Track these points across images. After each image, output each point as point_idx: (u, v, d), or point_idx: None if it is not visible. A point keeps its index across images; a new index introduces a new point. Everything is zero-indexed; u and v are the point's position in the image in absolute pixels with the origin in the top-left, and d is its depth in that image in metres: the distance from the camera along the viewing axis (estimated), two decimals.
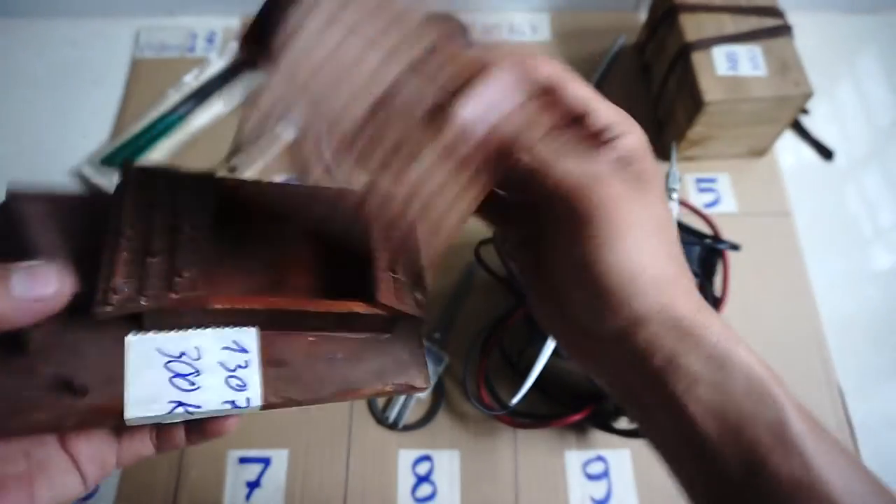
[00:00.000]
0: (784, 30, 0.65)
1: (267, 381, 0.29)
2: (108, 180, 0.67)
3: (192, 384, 0.28)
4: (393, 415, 0.57)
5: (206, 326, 0.29)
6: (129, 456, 0.31)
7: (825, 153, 0.74)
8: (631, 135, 0.27)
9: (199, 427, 0.31)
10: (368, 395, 0.32)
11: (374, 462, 0.55)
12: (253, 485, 0.54)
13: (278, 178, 0.39)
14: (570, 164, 0.25)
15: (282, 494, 0.54)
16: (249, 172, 0.67)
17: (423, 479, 0.54)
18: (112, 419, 0.27)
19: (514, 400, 0.53)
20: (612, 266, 0.24)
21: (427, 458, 0.55)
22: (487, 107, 0.24)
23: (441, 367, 0.58)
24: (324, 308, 0.30)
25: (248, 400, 0.29)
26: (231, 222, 0.31)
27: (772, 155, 0.71)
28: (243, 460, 0.55)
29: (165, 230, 0.28)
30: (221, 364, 0.29)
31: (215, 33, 0.79)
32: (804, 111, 0.73)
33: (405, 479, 0.54)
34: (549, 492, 0.54)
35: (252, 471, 0.55)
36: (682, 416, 0.25)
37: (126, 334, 0.28)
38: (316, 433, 0.56)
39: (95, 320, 0.26)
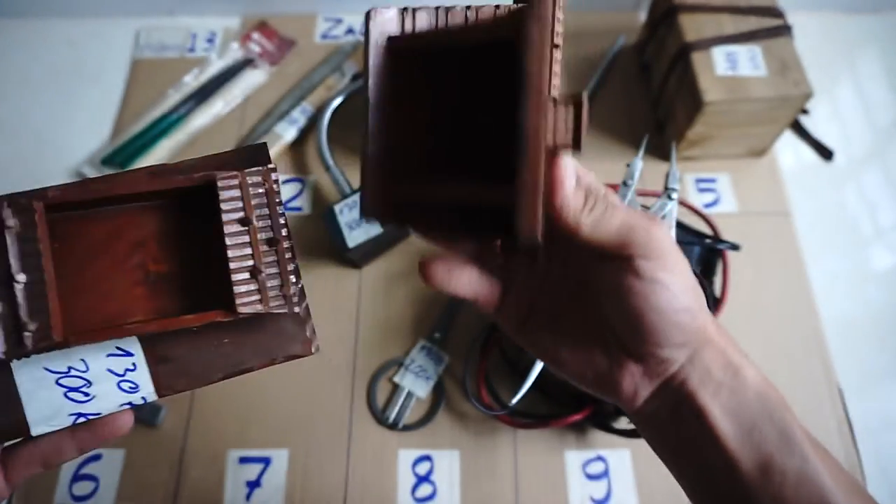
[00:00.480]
0: (784, 30, 0.65)
1: (157, 378, 0.31)
2: None
3: (87, 395, 0.30)
4: (393, 415, 0.57)
5: None
6: (18, 476, 0.32)
7: (825, 153, 0.74)
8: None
9: (91, 432, 0.31)
10: (258, 368, 0.32)
11: (374, 462, 0.55)
12: (253, 485, 0.54)
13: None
14: (624, 214, 0.28)
15: (282, 494, 0.54)
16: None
17: (423, 479, 0.55)
18: (20, 436, 0.29)
19: (514, 400, 0.53)
20: (671, 287, 0.28)
21: (427, 458, 0.55)
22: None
23: (441, 367, 0.58)
24: (184, 325, 0.30)
25: (143, 399, 0.31)
26: (80, 238, 0.31)
27: (772, 155, 0.71)
28: (243, 460, 0.55)
29: (1, 278, 0.28)
30: (110, 371, 0.30)
31: (215, 33, 0.79)
32: (804, 111, 0.73)
33: (405, 479, 0.54)
34: (549, 492, 0.54)
35: (252, 471, 0.55)
36: (702, 415, 0.29)
37: (11, 360, 0.29)
38: (316, 433, 0.56)
39: None
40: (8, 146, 0.73)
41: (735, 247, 0.58)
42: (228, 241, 0.30)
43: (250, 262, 0.30)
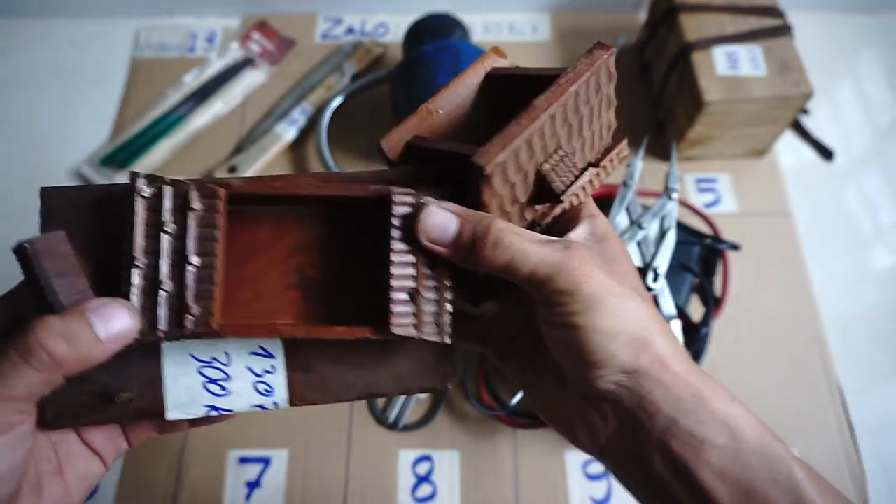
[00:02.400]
0: (784, 30, 0.65)
1: (292, 386, 0.31)
2: (109, 180, 0.67)
3: (224, 389, 0.30)
4: (393, 415, 0.57)
5: None
6: (137, 438, 0.35)
7: (825, 153, 0.74)
8: (600, 217, 0.32)
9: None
10: (391, 396, 0.33)
11: (374, 462, 0.55)
12: (253, 485, 0.54)
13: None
14: (544, 251, 0.27)
15: (282, 494, 0.54)
16: (250, 171, 0.67)
17: (423, 480, 0.54)
18: (156, 419, 0.30)
19: (514, 400, 0.53)
20: (593, 330, 0.27)
21: (427, 458, 0.55)
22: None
23: None
24: (334, 335, 0.29)
25: (275, 404, 0.31)
26: (246, 233, 0.31)
27: (772, 155, 0.71)
28: (243, 460, 0.55)
29: (175, 258, 0.28)
30: (249, 369, 0.30)
31: (215, 33, 0.79)
32: (804, 111, 0.73)
33: (405, 480, 0.54)
34: (549, 492, 0.54)
35: (252, 471, 0.55)
36: (692, 481, 0.26)
37: (163, 342, 0.30)
38: (316, 433, 0.56)
39: None
40: (8, 146, 0.73)
41: (735, 247, 0.58)
42: (393, 259, 0.29)
43: (411, 284, 0.29)
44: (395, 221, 0.29)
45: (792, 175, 0.71)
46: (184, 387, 0.30)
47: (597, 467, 0.55)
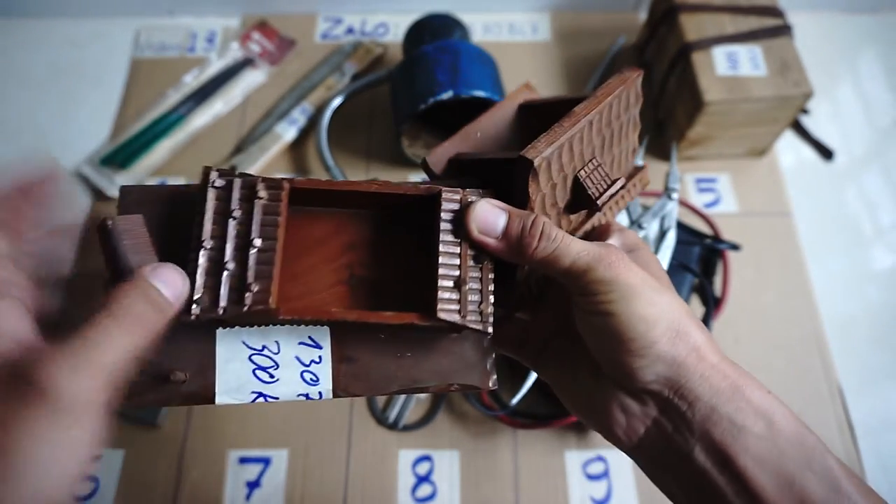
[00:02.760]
0: (784, 30, 0.65)
1: (337, 377, 0.32)
2: (108, 180, 0.67)
3: (272, 377, 0.32)
4: (393, 415, 0.57)
5: (286, 323, 0.32)
6: None
7: (825, 153, 0.74)
8: (628, 231, 0.35)
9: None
10: (433, 391, 0.33)
11: (374, 462, 0.55)
12: (253, 485, 0.54)
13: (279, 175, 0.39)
14: (585, 244, 0.30)
15: (282, 494, 0.54)
16: (250, 171, 0.67)
17: (423, 479, 0.54)
18: (205, 402, 0.31)
19: (514, 400, 0.53)
20: (632, 316, 0.28)
21: (427, 458, 0.55)
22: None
23: None
24: (383, 320, 0.31)
25: (320, 394, 0.32)
26: (301, 230, 0.33)
27: (772, 155, 0.71)
28: (243, 460, 0.55)
29: (239, 241, 0.30)
30: (297, 359, 0.32)
31: (215, 33, 0.79)
32: (804, 111, 0.73)
33: (405, 479, 0.54)
34: (549, 492, 0.54)
35: (252, 471, 0.55)
36: (733, 467, 0.27)
37: (216, 327, 0.31)
38: (316, 433, 0.56)
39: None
40: (8, 146, 0.73)
41: (735, 247, 0.58)
42: (442, 248, 0.31)
43: (456, 273, 0.31)
44: (445, 216, 0.31)
45: (792, 175, 0.71)
46: (234, 373, 0.31)
47: (597, 467, 0.55)
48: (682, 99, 0.66)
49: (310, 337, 0.32)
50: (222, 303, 0.29)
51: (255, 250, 0.30)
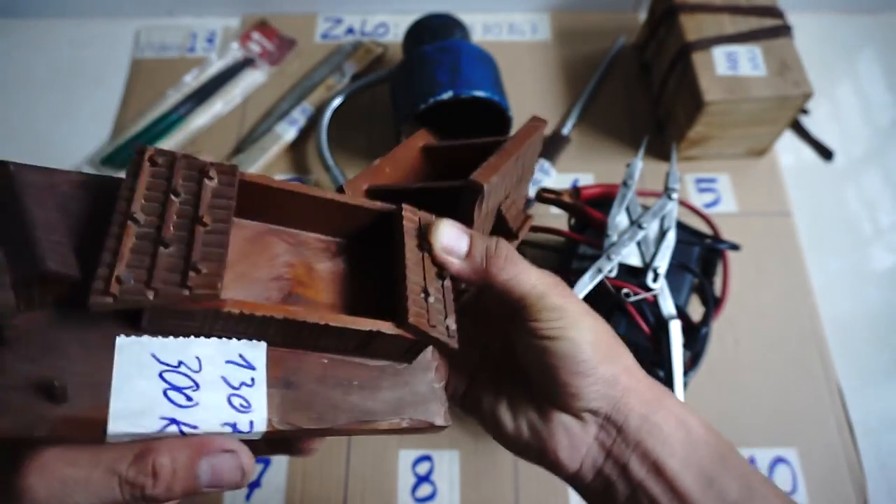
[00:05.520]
0: (784, 30, 0.65)
1: (273, 404, 0.26)
2: None
3: (190, 400, 0.24)
4: None
5: (211, 335, 0.26)
6: None
7: (825, 153, 0.74)
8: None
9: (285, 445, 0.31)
10: (384, 429, 0.29)
11: (374, 462, 0.55)
12: (253, 485, 0.54)
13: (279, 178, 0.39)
14: (540, 271, 0.31)
15: (282, 495, 0.54)
16: (250, 171, 0.67)
17: (423, 479, 0.54)
18: (90, 432, 0.22)
19: None
20: (582, 340, 0.30)
21: (427, 458, 0.55)
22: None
23: None
24: (349, 324, 0.27)
25: (251, 424, 0.25)
26: (241, 239, 0.30)
27: (772, 155, 0.71)
28: None
29: (184, 220, 0.25)
30: (224, 379, 0.25)
31: (215, 33, 0.79)
32: (804, 111, 0.73)
33: (405, 479, 0.54)
34: (549, 492, 0.54)
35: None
36: (664, 474, 0.30)
37: (119, 335, 0.24)
38: None
39: (89, 314, 0.22)
40: (8, 146, 0.73)
41: (735, 247, 0.58)
42: (408, 262, 0.29)
43: (422, 284, 0.29)
44: (407, 232, 0.30)
45: (792, 175, 0.71)
46: (137, 392, 0.23)
47: None
48: (681, 99, 0.66)
49: (241, 355, 0.26)
50: (156, 284, 0.23)
51: (205, 229, 0.24)
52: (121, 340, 0.24)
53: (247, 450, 0.26)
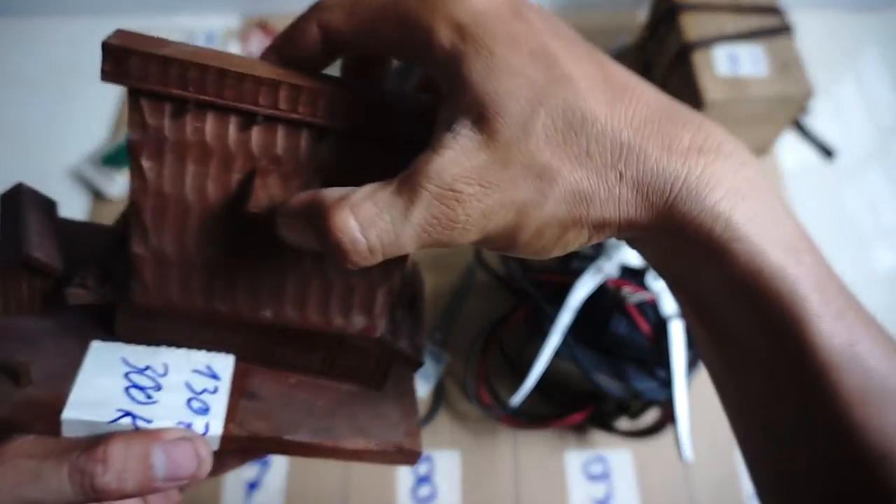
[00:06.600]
0: (785, 29, 0.65)
1: (233, 412, 0.26)
2: (109, 180, 0.67)
3: (149, 398, 0.25)
4: None
5: (181, 345, 0.27)
6: (191, 486, 0.30)
7: (826, 153, 0.73)
8: None
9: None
10: (349, 452, 0.28)
11: None
12: (253, 485, 0.54)
13: None
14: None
15: (282, 495, 0.54)
16: None
17: (423, 480, 0.54)
18: (47, 418, 0.23)
19: (515, 400, 0.53)
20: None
21: (427, 458, 0.55)
22: None
23: (441, 367, 0.58)
24: (311, 325, 0.27)
25: (207, 426, 0.25)
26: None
27: (773, 154, 0.71)
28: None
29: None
30: (187, 385, 0.26)
31: (215, 33, 0.79)
32: (805, 111, 0.73)
33: (405, 480, 0.54)
34: (549, 492, 0.54)
35: (252, 471, 0.55)
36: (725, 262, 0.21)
37: (95, 337, 0.26)
38: None
39: (70, 319, 0.25)
40: (6, 145, 0.73)
41: None
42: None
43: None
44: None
45: (793, 174, 0.70)
46: (98, 388, 0.25)
47: (597, 468, 0.55)
48: (682, 99, 0.65)
49: (208, 366, 0.27)
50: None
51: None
52: (96, 343, 0.26)
53: (203, 439, 0.25)
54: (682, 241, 0.21)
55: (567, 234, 0.22)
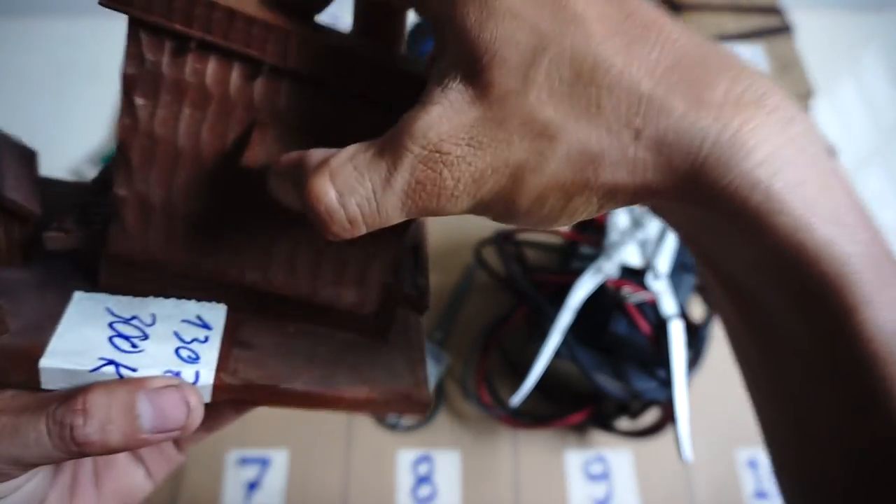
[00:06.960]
0: (785, 29, 0.65)
1: (225, 361, 0.25)
2: None
3: (134, 346, 0.24)
4: (393, 415, 0.57)
5: (170, 296, 0.25)
6: (188, 442, 0.29)
7: (827, 152, 0.73)
8: None
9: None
10: (351, 402, 0.26)
11: (374, 462, 0.55)
12: (253, 485, 0.54)
13: None
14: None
15: (282, 495, 0.54)
16: None
17: (423, 480, 0.54)
18: (24, 366, 0.22)
19: (515, 400, 0.53)
20: None
21: (427, 458, 0.55)
22: None
23: (441, 367, 0.58)
24: (298, 294, 0.26)
25: (196, 375, 0.24)
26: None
27: None
28: (243, 460, 0.55)
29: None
30: (176, 334, 0.25)
31: None
32: (805, 110, 0.73)
33: (405, 480, 0.54)
34: (549, 492, 0.54)
35: (252, 471, 0.55)
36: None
37: (78, 287, 0.25)
38: (316, 433, 0.56)
39: (48, 259, 0.24)
40: None
41: None
42: None
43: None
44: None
45: None
46: (80, 337, 0.23)
47: (597, 468, 0.55)
48: None
49: (198, 316, 0.25)
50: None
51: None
52: (79, 294, 0.24)
53: (192, 387, 0.23)
54: (712, 212, 0.18)
55: (573, 201, 0.19)
